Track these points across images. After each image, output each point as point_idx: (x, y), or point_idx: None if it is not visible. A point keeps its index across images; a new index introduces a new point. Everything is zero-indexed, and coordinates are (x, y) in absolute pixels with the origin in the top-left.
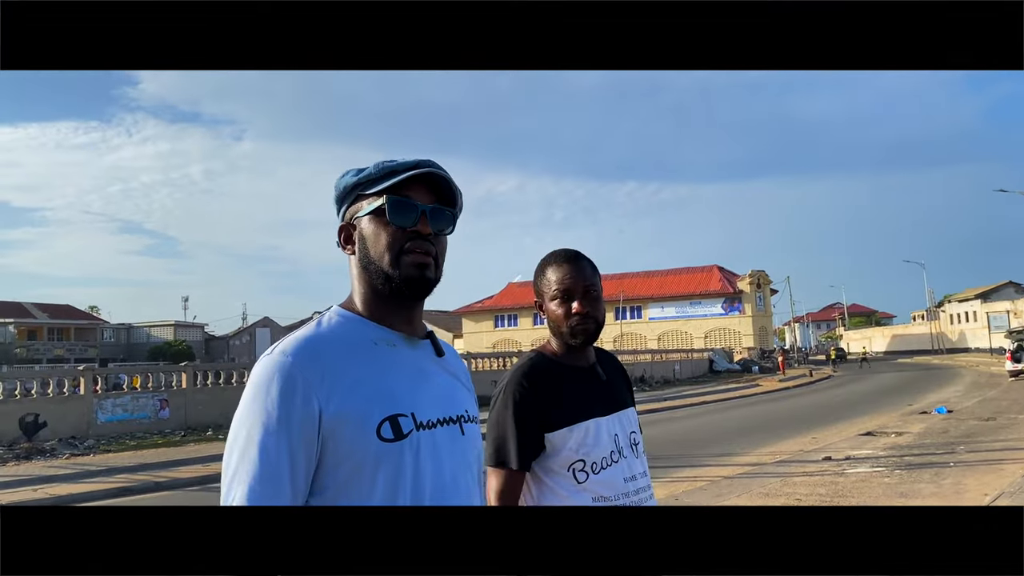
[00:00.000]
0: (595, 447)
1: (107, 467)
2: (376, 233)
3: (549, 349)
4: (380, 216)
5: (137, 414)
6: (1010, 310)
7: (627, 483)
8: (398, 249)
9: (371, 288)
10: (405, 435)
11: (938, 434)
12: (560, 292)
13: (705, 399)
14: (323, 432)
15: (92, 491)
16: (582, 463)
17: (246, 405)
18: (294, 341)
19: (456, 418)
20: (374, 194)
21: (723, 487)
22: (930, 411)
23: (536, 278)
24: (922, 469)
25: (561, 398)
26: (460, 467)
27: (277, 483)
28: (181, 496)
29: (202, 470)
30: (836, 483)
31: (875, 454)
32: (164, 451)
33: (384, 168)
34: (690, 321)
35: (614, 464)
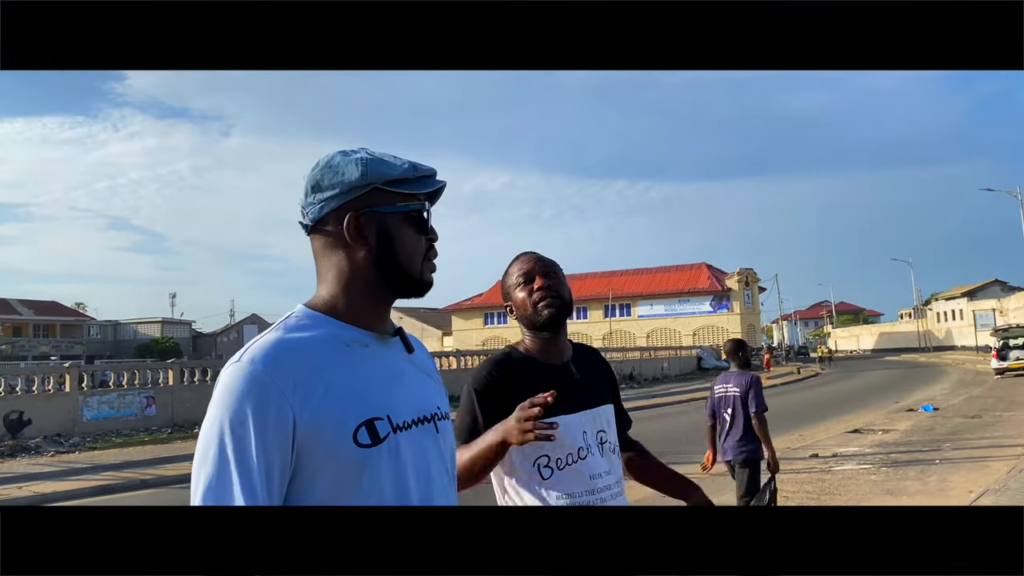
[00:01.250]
0: (559, 444)
1: (93, 464)
2: (405, 235)
3: (523, 346)
4: (411, 219)
5: (123, 411)
6: (996, 308)
7: (592, 480)
8: (423, 255)
9: (373, 285)
10: (382, 439)
11: (924, 432)
12: (522, 277)
13: (693, 396)
14: (297, 442)
15: (77, 489)
16: (547, 458)
17: (216, 416)
18: (262, 347)
19: (430, 416)
20: (405, 195)
21: (709, 485)
22: (916, 409)
23: (503, 283)
24: (908, 466)
25: (526, 392)
26: (437, 466)
27: (252, 497)
28: (168, 494)
29: (189, 467)
30: (823, 480)
31: (862, 451)
32: (150, 448)
33: (419, 170)
34: (679, 319)
35: (580, 461)
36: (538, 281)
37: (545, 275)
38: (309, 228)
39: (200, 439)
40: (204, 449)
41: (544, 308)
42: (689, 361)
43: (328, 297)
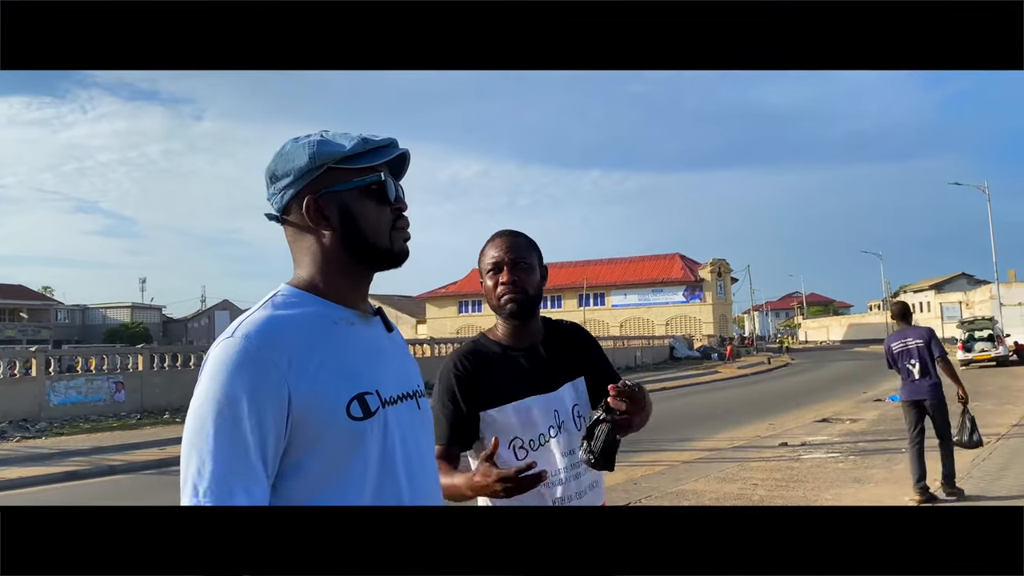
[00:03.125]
0: (529, 424)
1: (60, 450)
2: (366, 208)
3: (493, 333)
4: (370, 192)
5: (91, 396)
6: (962, 301)
7: (565, 458)
8: (391, 225)
9: (344, 264)
10: (373, 412)
11: (891, 421)
12: (492, 265)
13: (666, 385)
14: (292, 417)
15: (43, 475)
16: (520, 440)
17: (209, 392)
18: (255, 323)
19: (413, 393)
20: (359, 169)
21: (681, 471)
22: (884, 399)
23: (478, 261)
24: (875, 455)
25: (495, 378)
26: (423, 440)
27: (250, 476)
28: (136, 480)
29: (159, 453)
30: (792, 468)
31: (830, 440)
32: (119, 434)
33: (369, 143)
34: (652, 308)
35: (553, 439)
36: (504, 275)
37: (514, 266)
38: (277, 218)
39: (191, 416)
40: (198, 426)
41: (507, 303)
42: (662, 351)
43: (308, 278)
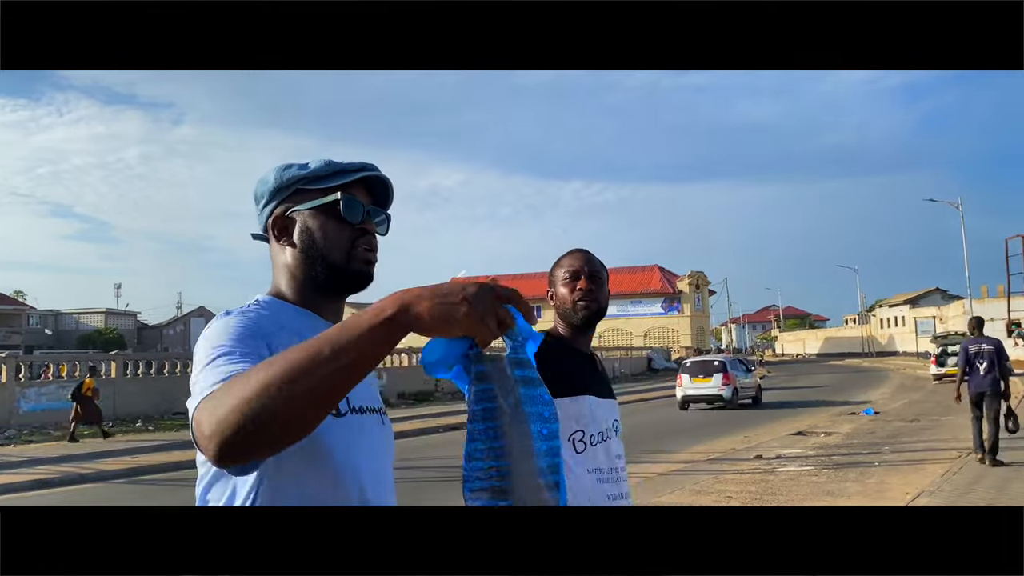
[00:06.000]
0: (592, 421)
1: (29, 458)
2: (325, 228)
3: (556, 331)
4: (330, 212)
5: (63, 403)
6: (936, 316)
7: (616, 459)
8: (349, 245)
9: (308, 281)
10: (342, 414)
11: (865, 434)
12: (569, 274)
13: (643, 397)
14: None
15: (12, 483)
16: (581, 433)
17: (208, 342)
18: (243, 311)
19: (378, 409)
20: (323, 190)
21: (657, 484)
22: (858, 412)
23: (551, 271)
24: (849, 468)
25: (567, 370)
26: (386, 455)
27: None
28: (106, 490)
29: (130, 462)
30: (766, 481)
31: (805, 453)
32: (90, 442)
33: (333, 166)
34: (630, 320)
35: (607, 440)
36: (582, 283)
37: (590, 278)
38: (262, 237)
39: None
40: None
41: (581, 309)
42: (640, 362)
43: (284, 290)
